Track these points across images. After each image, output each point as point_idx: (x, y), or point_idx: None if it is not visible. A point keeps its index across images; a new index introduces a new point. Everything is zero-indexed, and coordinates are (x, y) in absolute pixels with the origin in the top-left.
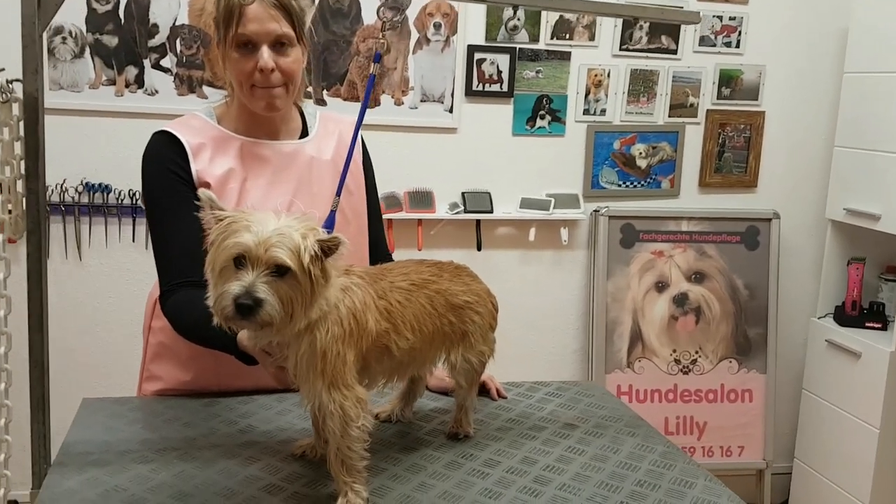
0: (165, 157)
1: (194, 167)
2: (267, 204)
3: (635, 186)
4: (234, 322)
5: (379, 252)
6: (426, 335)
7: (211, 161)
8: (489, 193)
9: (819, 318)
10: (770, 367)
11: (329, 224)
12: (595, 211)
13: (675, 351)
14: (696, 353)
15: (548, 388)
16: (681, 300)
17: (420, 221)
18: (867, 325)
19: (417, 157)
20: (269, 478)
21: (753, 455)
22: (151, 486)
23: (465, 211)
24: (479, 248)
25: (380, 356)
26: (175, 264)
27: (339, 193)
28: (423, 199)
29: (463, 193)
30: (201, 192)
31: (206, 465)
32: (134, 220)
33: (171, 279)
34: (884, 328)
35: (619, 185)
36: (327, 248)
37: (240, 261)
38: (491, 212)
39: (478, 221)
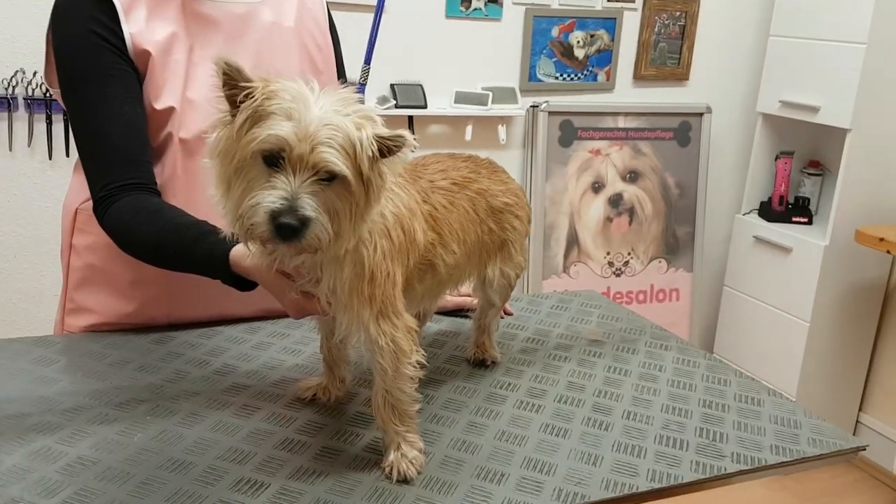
0: (87, 16)
1: (127, 30)
2: None
3: (572, 79)
4: (269, 244)
5: None
6: (469, 247)
7: (148, 23)
8: (421, 86)
9: (744, 215)
10: (696, 265)
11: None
12: (533, 106)
13: (608, 253)
14: (629, 254)
15: (549, 301)
16: (616, 201)
17: None
18: (793, 219)
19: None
20: (282, 431)
21: None
22: (129, 455)
23: (397, 106)
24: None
25: (422, 275)
26: (112, 160)
27: (368, 61)
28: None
29: (392, 86)
30: (218, 58)
31: (191, 421)
32: (31, 117)
33: (108, 180)
34: (809, 222)
35: (557, 78)
36: (387, 149)
37: (274, 159)
38: (425, 107)
39: (410, 118)
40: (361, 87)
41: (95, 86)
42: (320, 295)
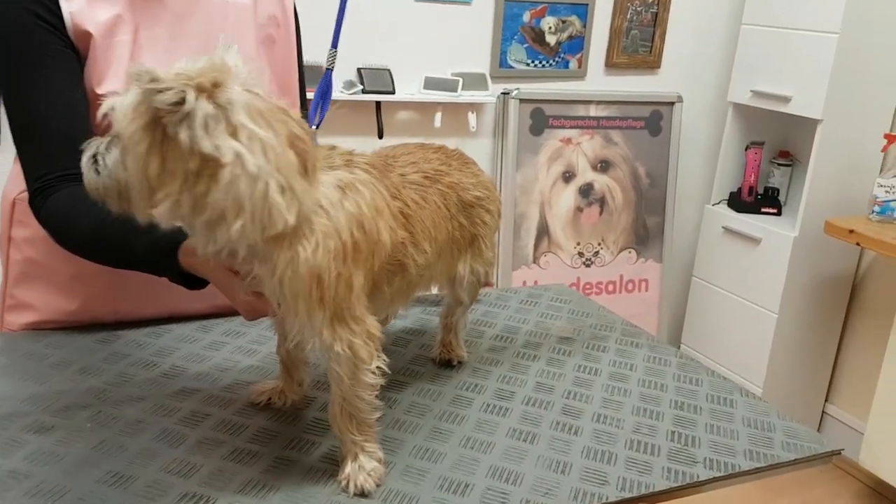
0: None
1: (66, 8)
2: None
3: (543, 66)
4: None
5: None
6: (440, 245)
7: (89, 2)
8: (389, 71)
9: (713, 205)
10: (666, 255)
11: (323, 88)
12: (504, 93)
13: (578, 244)
14: (599, 244)
15: (518, 296)
16: (586, 191)
17: (310, 101)
18: (763, 210)
19: (305, 22)
20: (232, 440)
21: None
22: (66, 468)
23: (364, 91)
24: (380, 136)
25: (391, 276)
26: (49, 149)
27: (335, 45)
28: (312, 74)
29: (359, 70)
30: (133, 67)
31: (134, 430)
32: None
33: (44, 171)
34: (779, 213)
35: (528, 65)
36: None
37: None
38: (393, 92)
39: (378, 104)
40: (328, 71)
41: (31, 68)
42: (269, 295)
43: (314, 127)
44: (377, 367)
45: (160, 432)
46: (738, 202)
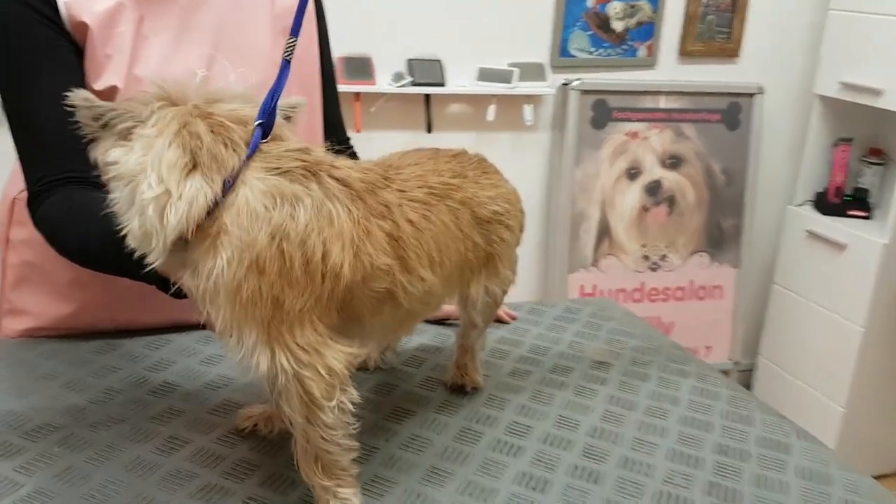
0: None
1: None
2: (175, 61)
3: (609, 54)
4: None
5: (337, 137)
6: (447, 270)
7: None
8: (440, 62)
9: (797, 206)
10: (744, 260)
11: (278, 85)
12: (564, 84)
13: (644, 245)
14: (667, 247)
15: (555, 311)
16: (653, 189)
17: (357, 95)
18: (850, 213)
19: (352, 13)
20: (206, 473)
21: (720, 355)
22: (20, 499)
23: (413, 83)
24: (429, 130)
25: (377, 306)
26: (47, 151)
27: (295, 33)
28: (360, 67)
29: (409, 61)
30: (75, 94)
31: (104, 456)
32: None
33: (42, 174)
34: (868, 217)
35: (591, 53)
36: None
37: None
38: (443, 84)
39: (427, 96)
40: (286, 63)
41: (30, 66)
42: (200, 307)
43: (257, 122)
44: (340, 404)
45: (131, 461)
46: (823, 204)
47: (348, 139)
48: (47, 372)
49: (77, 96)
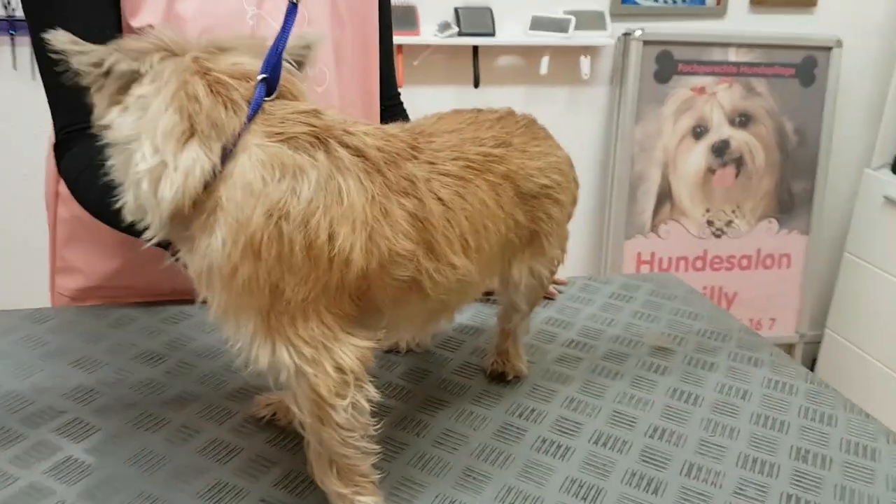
0: None
1: None
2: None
3: (675, 2)
4: None
5: (385, 92)
6: (486, 255)
7: None
8: (490, 10)
9: (874, 170)
10: (814, 227)
11: (283, 33)
12: (625, 34)
13: (708, 210)
14: (733, 212)
15: (609, 287)
16: (720, 149)
17: (400, 48)
18: None
19: None
20: (217, 469)
21: (786, 328)
22: (6, 498)
23: (460, 33)
24: (476, 85)
25: (400, 296)
26: (74, 97)
27: None
28: (403, 16)
29: (456, 9)
30: (55, 35)
31: (108, 449)
32: (12, 39)
33: (67, 121)
34: None
35: (655, 0)
36: None
37: None
38: (493, 34)
39: (475, 48)
40: (293, 6)
41: (56, 1)
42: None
43: (259, 77)
44: (355, 404)
45: (136, 453)
46: None
47: (398, 94)
48: (57, 348)
49: (59, 38)
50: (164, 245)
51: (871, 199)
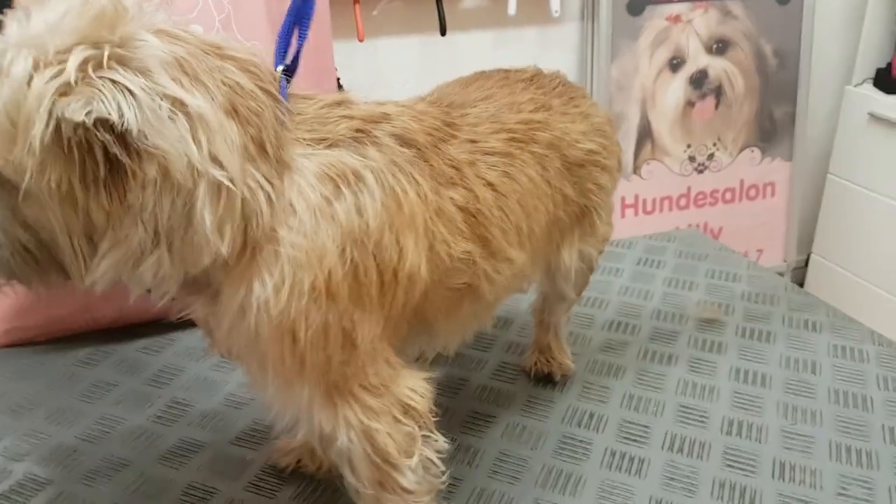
0: None
1: None
2: None
3: None
4: None
5: None
6: (537, 239)
7: None
8: None
9: (856, 87)
10: (797, 152)
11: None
12: None
13: (689, 146)
14: (714, 145)
15: (633, 253)
16: (699, 80)
17: None
18: None
19: None
20: None
21: (773, 258)
22: None
23: None
24: (442, 33)
25: (453, 305)
26: None
27: None
28: None
29: None
30: None
31: None
32: None
33: None
34: None
35: None
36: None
37: None
38: None
39: None
40: None
41: None
42: (220, 348)
43: (280, 67)
44: (425, 462)
45: None
46: (886, 81)
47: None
48: (24, 399)
49: None
50: None
51: (854, 117)
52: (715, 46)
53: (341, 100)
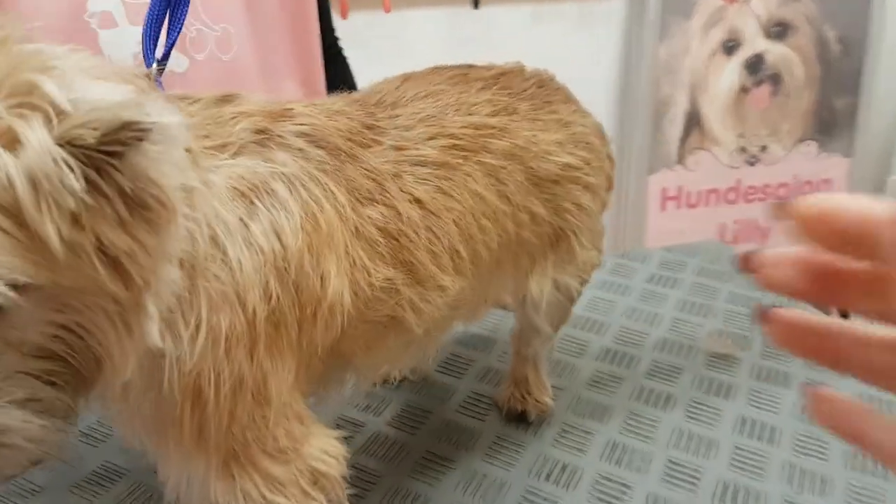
0: None
1: None
2: None
3: None
4: None
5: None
6: (486, 262)
7: None
8: None
9: None
10: (858, 148)
11: None
12: None
13: (741, 136)
14: (768, 136)
15: (647, 268)
16: (755, 65)
17: None
18: None
19: None
20: None
21: None
22: None
23: None
24: (475, 5)
25: (375, 339)
26: None
27: None
28: None
29: None
30: None
31: None
32: None
33: None
34: None
35: None
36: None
37: None
38: None
39: None
40: None
41: None
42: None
43: (153, 65)
44: None
45: None
46: None
47: (336, 41)
48: None
49: None
50: None
51: None
52: (774, 30)
53: (227, 95)
